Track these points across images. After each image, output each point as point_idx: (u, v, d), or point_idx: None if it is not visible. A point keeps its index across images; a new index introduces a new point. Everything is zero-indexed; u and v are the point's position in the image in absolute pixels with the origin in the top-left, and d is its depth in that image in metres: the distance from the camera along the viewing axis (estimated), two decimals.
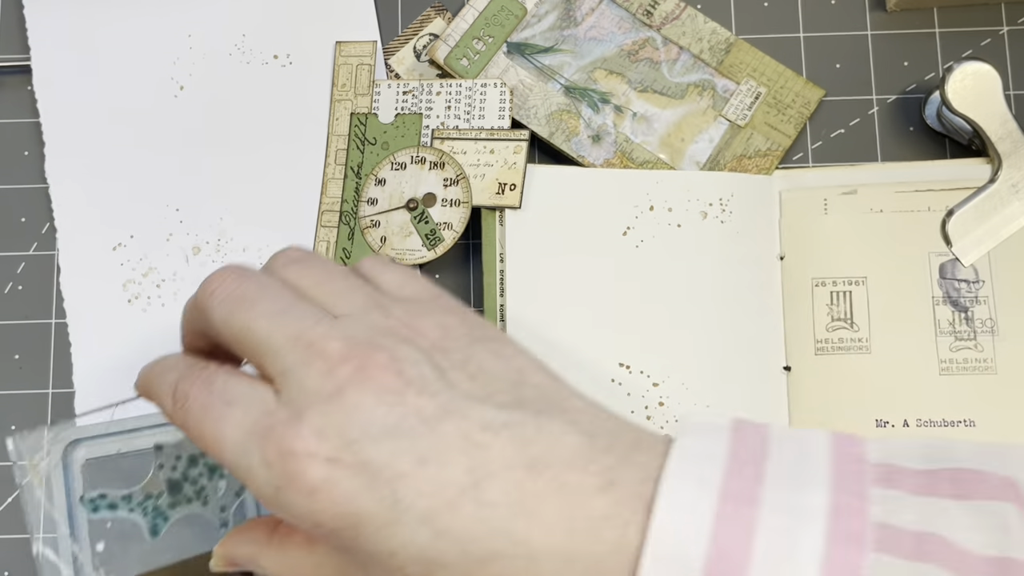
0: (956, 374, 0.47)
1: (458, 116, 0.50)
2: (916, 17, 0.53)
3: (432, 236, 0.49)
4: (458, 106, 0.50)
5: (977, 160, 0.49)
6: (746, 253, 0.49)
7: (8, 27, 0.54)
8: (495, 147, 0.49)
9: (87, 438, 0.48)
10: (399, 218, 0.49)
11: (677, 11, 0.52)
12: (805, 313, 0.48)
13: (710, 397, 0.48)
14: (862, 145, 0.52)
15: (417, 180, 0.49)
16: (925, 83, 0.52)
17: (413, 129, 0.50)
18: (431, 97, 0.50)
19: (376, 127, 0.50)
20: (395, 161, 0.50)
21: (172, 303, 0.50)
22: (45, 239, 0.52)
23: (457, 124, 0.50)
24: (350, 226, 0.50)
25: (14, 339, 0.51)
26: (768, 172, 0.50)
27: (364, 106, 0.51)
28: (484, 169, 0.49)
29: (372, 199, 0.50)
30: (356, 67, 0.51)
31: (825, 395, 0.48)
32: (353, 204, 0.50)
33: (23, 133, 0.53)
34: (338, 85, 0.51)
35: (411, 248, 0.49)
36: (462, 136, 0.50)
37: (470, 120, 0.50)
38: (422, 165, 0.50)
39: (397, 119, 0.50)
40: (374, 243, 0.49)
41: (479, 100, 0.50)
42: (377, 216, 0.49)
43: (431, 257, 0.49)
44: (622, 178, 0.49)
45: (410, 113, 0.50)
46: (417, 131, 0.50)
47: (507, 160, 0.49)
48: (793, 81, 0.51)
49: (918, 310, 0.48)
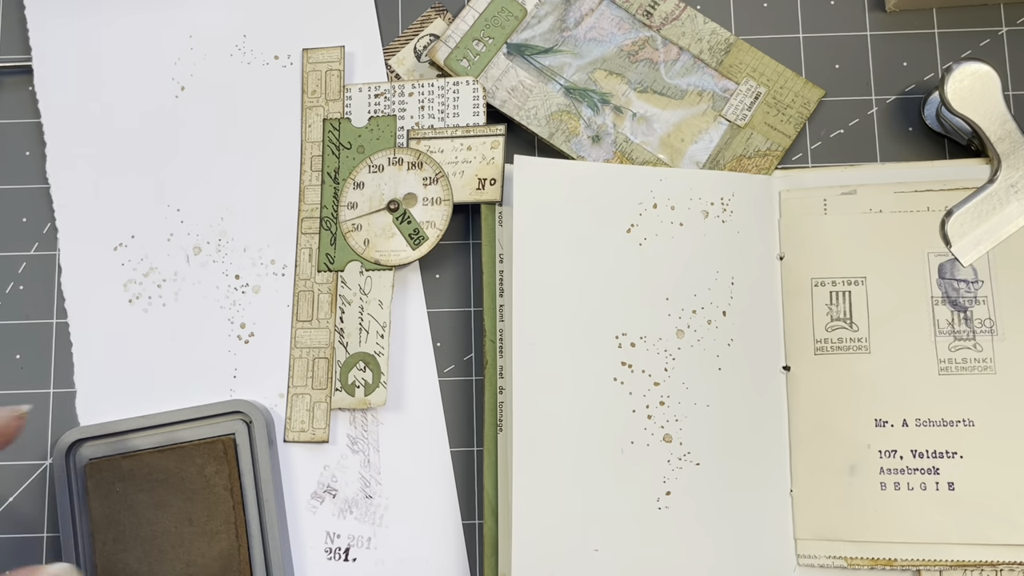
0: (955, 374, 0.47)
1: (432, 115, 0.50)
2: (915, 18, 0.53)
3: (416, 235, 0.49)
4: (431, 105, 0.50)
5: (976, 160, 0.49)
6: (746, 253, 0.49)
7: (9, 28, 0.54)
8: (472, 144, 0.50)
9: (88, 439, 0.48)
10: (381, 220, 0.50)
11: (677, 11, 0.52)
12: (804, 313, 0.48)
13: (710, 396, 0.48)
14: (861, 145, 0.52)
15: (396, 181, 0.50)
16: (924, 83, 0.52)
17: (388, 131, 0.50)
18: (404, 98, 0.51)
19: (350, 131, 0.51)
20: (372, 164, 0.50)
21: (173, 303, 0.51)
22: (46, 239, 0.52)
23: (432, 123, 0.50)
24: (331, 231, 0.50)
25: (15, 339, 0.51)
26: (768, 172, 0.50)
27: (336, 111, 0.51)
28: (463, 166, 0.50)
29: (352, 203, 0.50)
30: (325, 73, 0.51)
31: (824, 395, 0.48)
32: (333, 209, 0.50)
33: (24, 133, 0.53)
34: (308, 92, 0.52)
35: (395, 249, 0.49)
36: (438, 135, 0.50)
37: (444, 118, 0.50)
38: (400, 166, 0.50)
39: (371, 122, 0.51)
40: (357, 246, 0.49)
41: (452, 98, 0.50)
42: (358, 219, 0.49)
43: (416, 256, 0.49)
44: (626, 174, 0.49)
45: (384, 115, 0.51)
46: (392, 133, 0.50)
47: (485, 156, 0.49)
48: (793, 81, 0.51)
49: (917, 310, 0.48)
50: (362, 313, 0.49)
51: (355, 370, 0.49)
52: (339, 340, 0.49)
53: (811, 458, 0.47)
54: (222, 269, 0.51)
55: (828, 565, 0.47)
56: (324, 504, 0.49)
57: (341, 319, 0.49)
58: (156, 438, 0.48)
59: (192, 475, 0.47)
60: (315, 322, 0.50)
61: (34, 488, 0.50)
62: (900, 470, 0.47)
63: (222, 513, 0.47)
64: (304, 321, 0.50)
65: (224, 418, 0.48)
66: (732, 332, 0.48)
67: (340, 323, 0.49)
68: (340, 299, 0.49)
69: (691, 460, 0.47)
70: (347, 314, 0.49)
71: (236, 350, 0.50)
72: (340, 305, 0.49)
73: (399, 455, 0.49)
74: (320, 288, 0.50)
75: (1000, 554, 0.46)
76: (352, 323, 0.49)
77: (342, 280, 0.50)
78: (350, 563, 0.49)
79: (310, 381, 0.49)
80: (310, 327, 0.50)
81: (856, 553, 0.46)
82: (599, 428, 0.47)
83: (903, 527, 0.46)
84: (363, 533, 0.49)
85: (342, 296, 0.49)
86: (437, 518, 0.49)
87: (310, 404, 0.49)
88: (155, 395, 0.50)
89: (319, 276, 0.50)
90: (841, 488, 0.47)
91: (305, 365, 0.49)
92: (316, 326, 0.49)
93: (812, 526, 0.47)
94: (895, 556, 0.46)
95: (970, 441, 0.46)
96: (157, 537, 0.47)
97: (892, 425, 0.47)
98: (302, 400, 0.49)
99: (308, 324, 0.50)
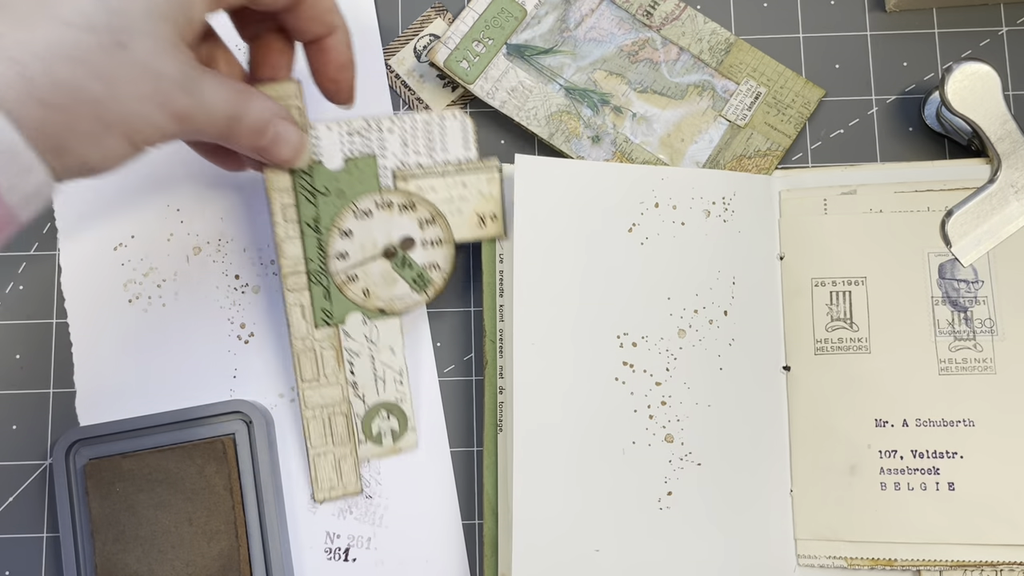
0: (955, 374, 0.47)
1: (418, 152, 0.47)
2: (915, 18, 0.53)
3: (420, 279, 0.46)
4: (416, 142, 0.47)
5: (976, 160, 0.49)
6: (747, 252, 0.49)
7: None
8: (466, 180, 0.47)
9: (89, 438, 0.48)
10: (378, 268, 0.47)
11: (677, 11, 0.52)
12: (805, 313, 0.48)
13: (711, 396, 0.48)
14: (861, 145, 0.52)
15: (388, 225, 0.47)
16: (924, 83, 0.52)
17: (369, 172, 0.47)
18: (382, 135, 0.47)
19: (325, 175, 0.46)
20: (358, 209, 0.46)
21: (173, 303, 0.51)
22: (46, 239, 0.52)
23: (419, 161, 0.47)
24: (323, 285, 0.46)
25: (15, 339, 0.51)
26: (768, 172, 0.50)
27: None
28: (460, 204, 0.47)
29: (342, 253, 0.46)
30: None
31: (824, 394, 0.48)
32: (320, 262, 0.46)
33: None
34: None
35: (400, 295, 0.47)
36: (427, 173, 0.47)
37: (432, 155, 0.47)
38: (390, 209, 0.46)
39: (348, 164, 0.46)
40: (356, 297, 0.47)
41: (438, 133, 0.47)
42: (353, 269, 0.46)
43: (424, 300, 0.47)
44: (628, 174, 0.49)
45: (361, 156, 0.46)
46: (374, 174, 0.47)
47: (482, 191, 0.47)
48: (793, 81, 0.51)
49: (917, 310, 0.48)
50: (374, 363, 0.47)
51: (378, 419, 0.47)
52: (354, 394, 0.47)
53: (811, 458, 0.47)
54: (222, 269, 0.51)
55: (828, 565, 0.47)
56: (324, 504, 0.49)
57: (352, 372, 0.47)
58: (156, 438, 0.48)
59: (192, 475, 0.47)
60: (323, 379, 0.47)
61: (34, 488, 0.50)
62: (900, 470, 0.47)
63: (222, 513, 0.47)
64: (310, 380, 0.47)
65: (224, 418, 0.48)
66: (733, 332, 0.48)
67: (351, 376, 0.47)
68: (347, 352, 0.47)
69: (692, 460, 0.47)
70: (357, 366, 0.47)
71: (236, 350, 0.50)
72: (348, 359, 0.47)
73: (399, 455, 0.49)
74: (321, 344, 0.47)
75: (1000, 554, 0.46)
76: (365, 374, 0.47)
77: (345, 333, 0.47)
78: (350, 563, 0.49)
79: (330, 439, 0.47)
80: (318, 385, 0.47)
81: (856, 553, 0.46)
82: (600, 428, 0.47)
83: (903, 527, 0.46)
84: (363, 533, 0.49)
85: (348, 349, 0.47)
86: (437, 518, 0.49)
87: (335, 461, 0.47)
88: (155, 395, 0.50)
89: (318, 332, 0.47)
90: (841, 488, 0.47)
91: (321, 424, 0.47)
92: (325, 383, 0.47)
93: (812, 526, 0.47)
94: (895, 556, 0.46)
95: (970, 441, 0.46)
96: (157, 537, 0.47)
97: (892, 425, 0.47)
98: (325, 459, 0.47)
99: (316, 383, 0.47)
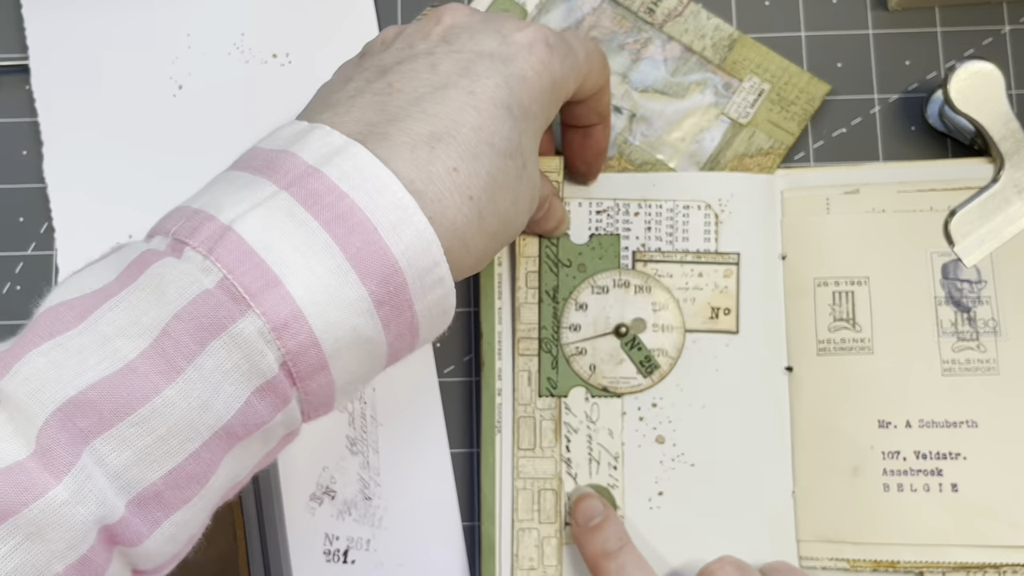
0: (958, 375, 0.47)
1: (659, 238, 0.48)
2: (918, 16, 0.52)
3: (647, 363, 0.47)
4: (659, 227, 0.48)
5: (979, 160, 0.49)
6: (748, 253, 0.49)
7: (6, 26, 0.53)
8: (703, 270, 0.48)
9: None
10: (607, 345, 0.47)
11: (680, 7, 0.52)
12: (807, 313, 0.48)
13: (708, 397, 0.47)
14: (864, 144, 0.51)
15: (623, 305, 0.47)
16: (927, 82, 0.52)
17: (611, 251, 0.48)
18: (628, 217, 0.48)
19: (569, 248, 0.48)
20: (596, 284, 0.47)
21: None
22: (43, 239, 0.52)
23: (659, 246, 0.48)
24: (552, 354, 0.47)
25: None
26: (770, 171, 0.50)
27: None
28: (694, 293, 0.47)
29: (575, 325, 0.47)
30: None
31: (827, 395, 0.47)
32: (553, 331, 0.47)
33: (21, 133, 0.53)
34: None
35: (624, 376, 0.47)
36: (667, 259, 0.48)
37: (673, 242, 0.48)
38: (626, 288, 0.47)
39: (592, 240, 0.48)
40: (582, 371, 0.47)
41: (681, 221, 0.48)
42: (583, 343, 0.47)
43: (648, 385, 0.47)
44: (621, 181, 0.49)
45: (606, 234, 0.48)
46: (616, 253, 0.48)
47: (717, 284, 0.48)
48: (798, 77, 0.51)
49: (920, 310, 0.48)
50: (590, 443, 0.47)
51: None
52: (567, 471, 0.47)
53: (814, 459, 0.47)
54: None
55: (831, 567, 0.46)
56: (323, 506, 0.49)
57: (567, 448, 0.47)
58: None
59: None
60: (538, 450, 0.47)
61: None
62: (903, 471, 0.46)
63: (221, 514, 0.47)
64: (526, 450, 0.47)
65: None
66: (733, 332, 0.48)
67: (567, 452, 0.47)
68: (565, 427, 0.47)
69: (685, 461, 0.47)
70: (574, 443, 0.47)
71: None
72: (566, 433, 0.47)
73: (398, 456, 0.49)
74: (542, 415, 0.47)
75: (1004, 556, 0.45)
76: (580, 453, 0.47)
77: (566, 406, 0.47)
78: (349, 565, 0.48)
79: (536, 515, 0.47)
80: (533, 456, 0.47)
81: (859, 555, 0.46)
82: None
83: (906, 529, 0.46)
84: (362, 535, 0.49)
85: (567, 424, 0.47)
86: (437, 520, 0.49)
87: (538, 540, 0.46)
88: None
89: (540, 401, 0.47)
90: (844, 489, 0.47)
91: (530, 497, 0.47)
92: (540, 455, 0.47)
93: (814, 528, 0.47)
94: (898, 558, 0.46)
95: (974, 442, 0.46)
96: None
97: (895, 426, 0.47)
98: (529, 536, 0.46)
99: (531, 453, 0.47)
